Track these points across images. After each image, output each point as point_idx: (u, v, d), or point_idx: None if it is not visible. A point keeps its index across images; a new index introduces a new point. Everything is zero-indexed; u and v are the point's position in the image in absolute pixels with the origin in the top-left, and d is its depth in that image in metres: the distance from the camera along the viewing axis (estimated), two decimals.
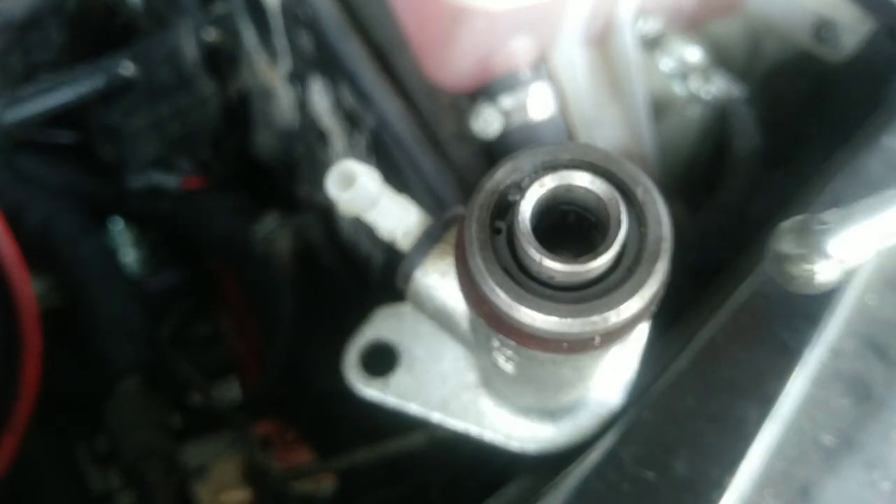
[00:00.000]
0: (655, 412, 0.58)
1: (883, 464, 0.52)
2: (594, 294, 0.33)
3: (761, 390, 0.54)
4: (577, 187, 0.35)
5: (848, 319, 0.57)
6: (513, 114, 0.89)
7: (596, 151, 0.36)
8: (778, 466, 0.56)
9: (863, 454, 0.52)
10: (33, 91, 1.23)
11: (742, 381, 0.55)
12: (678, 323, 0.70)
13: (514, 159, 0.36)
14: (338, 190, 0.47)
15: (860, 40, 0.82)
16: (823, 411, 0.54)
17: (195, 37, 1.37)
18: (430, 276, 0.48)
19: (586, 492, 0.53)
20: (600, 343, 0.34)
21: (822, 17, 0.84)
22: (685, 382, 0.59)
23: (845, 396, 0.54)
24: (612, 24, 0.89)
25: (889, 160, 0.68)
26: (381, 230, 0.49)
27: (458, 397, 0.58)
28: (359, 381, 0.57)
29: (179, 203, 1.59)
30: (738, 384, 0.55)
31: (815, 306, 0.57)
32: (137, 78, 1.33)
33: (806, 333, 0.56)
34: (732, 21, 0.96)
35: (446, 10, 0.82)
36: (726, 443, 0.56)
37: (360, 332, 0.59)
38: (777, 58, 0.95)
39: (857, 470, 0.51)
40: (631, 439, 0.55)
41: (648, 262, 0.33)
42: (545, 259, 0.32)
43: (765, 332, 0.57)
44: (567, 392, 0.52)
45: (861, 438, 0.52)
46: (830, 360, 0.56)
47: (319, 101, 1.22)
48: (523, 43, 0.87)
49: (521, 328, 0.34)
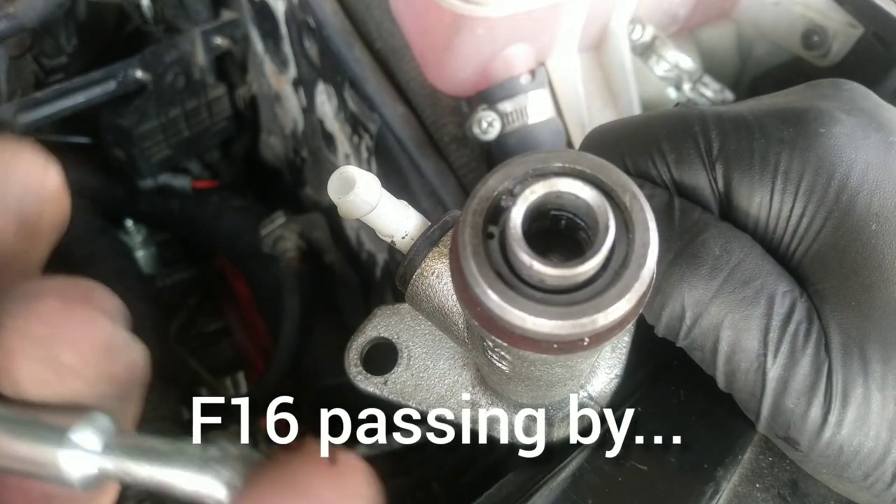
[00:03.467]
0: (647, 407, 0.59)
1: None
2: (583, 297, 0.34)
3: None
4: (567, 194, 0.35)
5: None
6: (511, 117, 0.90)
7: (586, 159, 0.36)
8: (767, 460, 0.57)
9: None
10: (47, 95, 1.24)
11: None
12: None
13: (507, 166, 0.37)
14: (338, 194, 0.47)
15: (849, 46, 0.83)
16: None
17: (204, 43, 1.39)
18: (428, 277, 0.49)
19: (582, 483, 0.54)
20: (589, 344, 0.35)
21: (812, 22, 0.85)
22: (676, 378, 0.61)
23: None
24: (606, 31, 0.91)
25: None
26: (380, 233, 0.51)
27: (455, 394, 0.59)
28: (359, 378, 0.58)
29: (188, 203, 1.60)
30: None
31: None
32: (148, 83, 1.35)
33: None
34: (724, 27, 0.97)
35: (447, 17, 0.83)
36: (716, 437, 0.57)
37: (360, 331, 0.59)
38: (768, 63, 0.95)
39: None
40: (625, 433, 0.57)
41: (635, 266, 0.34)
42: (535, 263, 0.33)
43: None
44: (559, 389, 0.52)
45: None
46: None
47: (324, 105, 1.23)
48: (521, 49, 0.88)
49: (513, 330, 0.35)
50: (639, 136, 0.54)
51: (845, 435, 0.47)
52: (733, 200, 0.51)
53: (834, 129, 0.50)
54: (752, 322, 0.48)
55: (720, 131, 0.51)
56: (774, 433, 0.51)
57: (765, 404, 0.49)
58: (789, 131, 0.50)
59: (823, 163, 0.49)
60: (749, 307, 0.48)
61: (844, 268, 0.48)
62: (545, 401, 0.57)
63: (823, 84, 0.56)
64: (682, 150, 0.52)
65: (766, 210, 0.50)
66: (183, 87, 1.40)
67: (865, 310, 0.47)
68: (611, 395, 0.60)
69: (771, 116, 0.52)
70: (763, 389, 0.49)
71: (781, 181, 0.49)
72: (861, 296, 0.47)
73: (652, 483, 0.54)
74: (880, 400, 0.46)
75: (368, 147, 1.12)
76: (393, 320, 0.60)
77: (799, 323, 0.48)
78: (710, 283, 0.49)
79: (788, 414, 0.48)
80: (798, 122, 0.51)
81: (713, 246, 0.49)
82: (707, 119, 0.52)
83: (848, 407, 0.46)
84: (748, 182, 0.50)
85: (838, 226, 0.48)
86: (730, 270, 0.49)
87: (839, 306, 0.48)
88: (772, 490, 0.56)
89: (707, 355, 0.51)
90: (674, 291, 0.49)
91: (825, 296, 0.48)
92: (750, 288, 0.48)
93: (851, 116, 0.51)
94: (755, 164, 0.50)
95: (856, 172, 0.49)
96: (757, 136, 0.51)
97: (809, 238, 0.49)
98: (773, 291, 0.48)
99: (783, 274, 0.50)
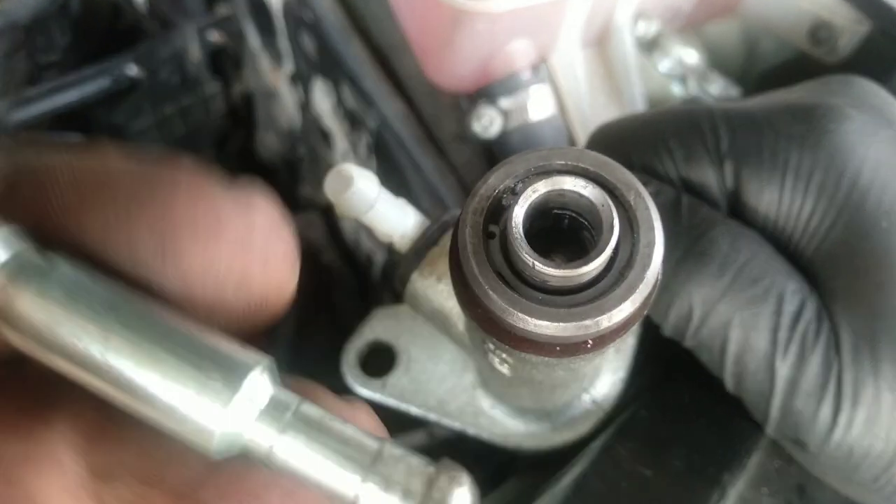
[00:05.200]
0: (651, 410, 0.59)
1: None
2: (586, 298, 0.33)
3: None
4: (570, 192, 0.35)
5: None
6: (512, 115, 0.89)
7: (589, 156, 0.36)
8: (774, 464, 0.56)
9: None
10: (39, 92, 1.23)
11: None
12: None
13: (508, 164, 0.36)
14: (335, 192, 0.47)
15: (856, 42, 0.83)
16: None
17: (199, 39, 1.38)
18: (427, 278, 0.49)
19: (585, 489, 0.54)
20: (593, 346, 0.34)
21: (818, 18, 0.84)
22: (680, 380, 0.60)
23: None
24: (610, 26, 0.90)
25: None
26: (378, 232, 0.50)
27: (456, 398, 0.58)
28: (357, 382, 0.58)
29: None
30: None
31: None
32: (142, 79, 1.34)
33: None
34: (730, 23, 0.97)
35: (447, 12, 0.82)
36: (722, 440, 0.56)
37: (358, 333, 0.59)
38: (774, 59, 0.95)
39: None
40: (628, 437, 0.56)
41: (640, 266, 0.34)
42: (537, 263, 0.33)
43: None
44: (562, 392, 0.52)
45: None
46: None
47: (322, 102, 1.22)
48: (523, 44, 0.87)
49: (514, 332, 0.34)
50: (646, 132, 0.54)
51: (855, 436, 0.46)
52: (742, 198, 0.51)
53: (844, 125, 0.49)
54: (762, 321, 0.47)
55: (729, 128, 0.51)
56: (783, 435, 0.51)
57: (774, 405, 0.49)
58: (799, 128, 0.50)
59: (833, 160, 0.48)
60: (758, 306, 0.47)
61: (855, 266, 0.47)
62: (547, 405, 0.57)
63: (833, 80, 0.56)
64: (691, 146, 0.51)
65: (775, 207, 0.50)
66: (177, 83, 1.40)
67: (876, 309, 0.46)
68: (615, 398, 0.59)
69: (780, 113, 0.51)
70: (772, 390, 0.48)
71: (791, 178, 0.49)
72: (872, 294, 0.47)
73: (656, 488, 0.54)
74: (891, 400, 0.45)
75: (367, 144, 1.12)
76: (391, 322, 0.60)
77: (808, 322, 0.47)
78: (719, 282, 0.48)
79: (797, 415, 0.48)
80: (808, 118, 0.50)
81: (721, 243, 0.49)
82: (716, 115, 0.52)
83: (858, 407, 0.46)
84: (757, 179, 0.50)
85: (848, 223, 0.48)
86: (738, 268, 0.48)
87: (849, 305, 0.47)
88: (779, 495, 0.55)
89: (715, 355, 0.50)
90: (681, 290, 0.49)
91: (835, 294, 0.48)
92: (759, 286, 0.48)
93: (862, 113, 0.51)
94: (764, 160, 0.50)
95: (866, 169, 0.48)
96: (766, 132, 0.50)
97: (819, 236, 0.49)
98: (783, 290, 0.48)
99: (792, 272, 0.49)
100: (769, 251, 0.50)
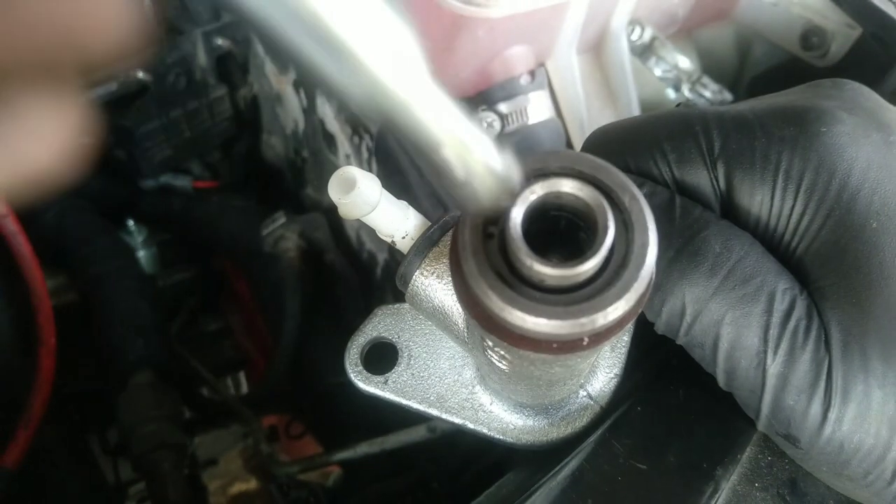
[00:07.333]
0: (646, 406, 0.59)
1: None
2: (583, 297, 0.34)
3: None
4: (566, 194, 0.36)
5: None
6: (511, 118, 0.90)
7: (585, 159, 0.37)
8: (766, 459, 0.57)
9: None
10: None
11: None
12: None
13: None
14: (339, 194, 0.47)
15: (848, 46, 0.83)
16: None
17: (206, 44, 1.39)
18: (428, 277, 0.49)
19: (581, 483, 0.54)
20: (589, 344, 0.35)
21: (810, 23, 0.85)
22: (674, 377, 0.61)
23: None
24: (606, 32, 0.91)
25: None
26: (381, 233, 0.51)
27: (455, 394, 0.59)
28: (359, 378, 0.58)
29: (190, 203, 1.61)
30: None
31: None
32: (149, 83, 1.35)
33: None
34: (723, 28, 0.97)
35: (447, 18, 0.83)
36: (715, 435, 0.57)
37: (360, 330, 0.60)
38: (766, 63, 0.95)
39: None
40: (623, 432, 0.57)
41: (634, 266, 0.34)
42: (535, 263, 0.33)
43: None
44: (559, 388, 0.53)
45: None
46: None
47: (325, 105, 1.23)
48: (521, 50, 0.88)
49: (512, 330, 0.35)
50: (641, 136, 0.54)
51: (845, 432, 0.47)
52: (734, 199, 0.52)
53: (835, 128, 0.50)
54: (753, 319, 0.48)
55: (721, 131, 0.52)
56: (774, 431, 0.51)
57: (765, 401, 0.49)
58: (790, 130, 0.50)
59: (824, 161, 0.49)
60: (749, 304, 0.48)
61: (845, 265, 0.48)
62: (545, 400, 0.57)
63: (825, 84, 0.57)
64: (684, 149, 0.52)
65: (766, 208, 0.51)
66: (184, 87, 1.41)
67: (866, 307, 0.47)
68: (610, 394, 0.60)
69: (772, 115, 0.52)
70: (763, 386, 0.49)
71: (782, 180, 0.50)
72: (861, 293, 0.47)
73: (651, 482, 0.54)
74: (881, 397, 0.46)
75: (369, 147, 1.12)
76: (393, 320, 0.61)
77: (799, 320, 0.48)
78: (711, 281, 0.49)
79: (788, 411, 0.48)
80: (799, 121, 0.51)
81: (714, 243, 0.49)
82: (708, 119, 0.52)
83: (848, 404, 0.46)
84: (749, 181, 0.51)
85: (839, 224, 0.48)
86: (730, 268, 0.49)
87: (839, 303, 0.48)
88: (771, 489, 0.56)
89: (707, 352, 0.51)
90: (674, 288, 0.50)
91: (825, 293, 0.49)
92: (750, 285, 0.48)
93: (853, 116, 0.51)
94: (756, 163, 0.50)
95: (857, 171, 0.49)
96: (758, 135, 0.51)
97: (810, 236, 0.50)
98: (774, 289, 0.48)
99: (783, 271, 0.50)
100: (760, 251, 0.50)
